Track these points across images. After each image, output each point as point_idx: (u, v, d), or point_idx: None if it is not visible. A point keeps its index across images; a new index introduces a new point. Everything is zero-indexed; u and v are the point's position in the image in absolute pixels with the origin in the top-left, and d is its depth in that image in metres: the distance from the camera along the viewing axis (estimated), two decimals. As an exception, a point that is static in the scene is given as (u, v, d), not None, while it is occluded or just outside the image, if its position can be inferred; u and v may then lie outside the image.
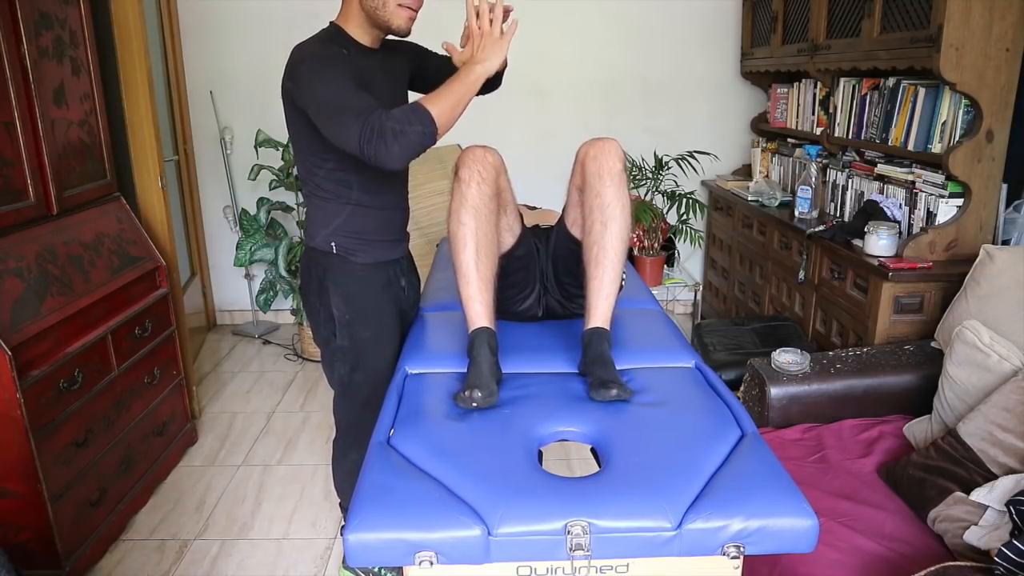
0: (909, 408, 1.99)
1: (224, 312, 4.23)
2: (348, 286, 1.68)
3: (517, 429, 1.26)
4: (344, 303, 1.68)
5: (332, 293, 1.68)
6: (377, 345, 1.72)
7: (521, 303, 1.75)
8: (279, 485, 2.57)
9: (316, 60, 1.49)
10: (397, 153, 1.38)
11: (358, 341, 1.71)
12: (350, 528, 1.03)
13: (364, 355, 1.72)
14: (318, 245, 1.69)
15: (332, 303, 1.68)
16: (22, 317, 1.84)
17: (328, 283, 1.68)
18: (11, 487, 1.86)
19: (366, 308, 1.70)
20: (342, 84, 1.44)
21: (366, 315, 1.70)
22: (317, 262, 1.70)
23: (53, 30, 2.14)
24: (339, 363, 1.75)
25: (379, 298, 1.72)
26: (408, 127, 1.37)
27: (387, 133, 1.36)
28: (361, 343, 1.71)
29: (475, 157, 1.49)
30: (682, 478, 1.10)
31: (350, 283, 1.68)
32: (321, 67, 1.47)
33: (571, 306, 1.74)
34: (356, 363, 1.73)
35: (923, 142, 2.35)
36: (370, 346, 1.72)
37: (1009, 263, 1.88)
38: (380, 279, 1.72)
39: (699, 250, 4.09)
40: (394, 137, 1.36)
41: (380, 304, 1.72)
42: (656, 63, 3.88)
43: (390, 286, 1.74)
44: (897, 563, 1.43)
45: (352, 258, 1.68)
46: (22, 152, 1.99)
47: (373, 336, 1.71)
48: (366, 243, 1.69)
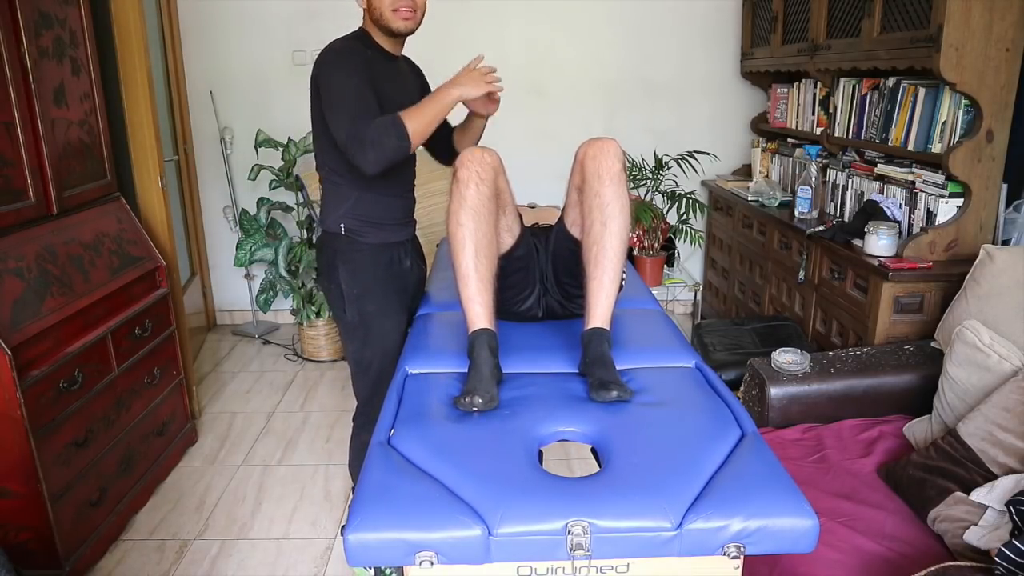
0: (909, 408, 1.99)
1: (224, 312, 4.23)
2: (354, 263, 1.82)
3: (517, 429, 1.25)
4: (351, 278, 1.82)
5: (341, 271, 1.82)
6: (383, 319, 1.84)
7: (521, 303, 1.75)
8: (279, 485, 2.57)
9: (338, 54, 1.66)
10: (372, 160, 1.56)
11: (365, 315, 1.83)
12: (350, 528, 1.03)
13: (372, 330, 1.84)
14: (329, 227, 1.83)
15: (341, 279, 1.82)
16: (22, 317, 1.84)
17: (337, 262, 1.82)
18: (11, 487, 1.86)
19: (370, 283, 1.82)
20: (352, 81, 1.60)
21: (372, 290, 1.82)
22: (329, 244, 1.84)
23: (53, 30, 2.14)
24: (351, 340, 1.88)
25: (383, 274, 1.84)
26: (386, 139, 1.55)
27: (367, 142, 1.54)
28: (368, 317, 1.83)
29: (473, 158, 1.49)
30: (682, 478, 1.10)
31: (356, 260, 1.82)
32: (340, 61, 1.64)
33: (571, 306, 1.74)
34: (365, 338, 1.85)
35: (923, 142, 2.35)
36: (376, 320, 1.84)
37: (1009, 263, 1.88)
38: (384, 258, 1.84)
39: (699, 250, 4.09)
40: (372, 146, 1.54)
41: (384, 280, 1.84)
42: (656, 63, 3.88)
43: (392, 264, 1.86)
44: (897, 563, 1.43)
45: (359, 239, 1.81)
46: (22, 152, 1.99)
47: (378, 309, 1.83)
48: (373, 226, 1.81)
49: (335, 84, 1.62)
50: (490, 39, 3.71)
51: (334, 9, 3.72)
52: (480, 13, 3.73)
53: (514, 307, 1.74)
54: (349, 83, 1.60)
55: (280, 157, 3.50)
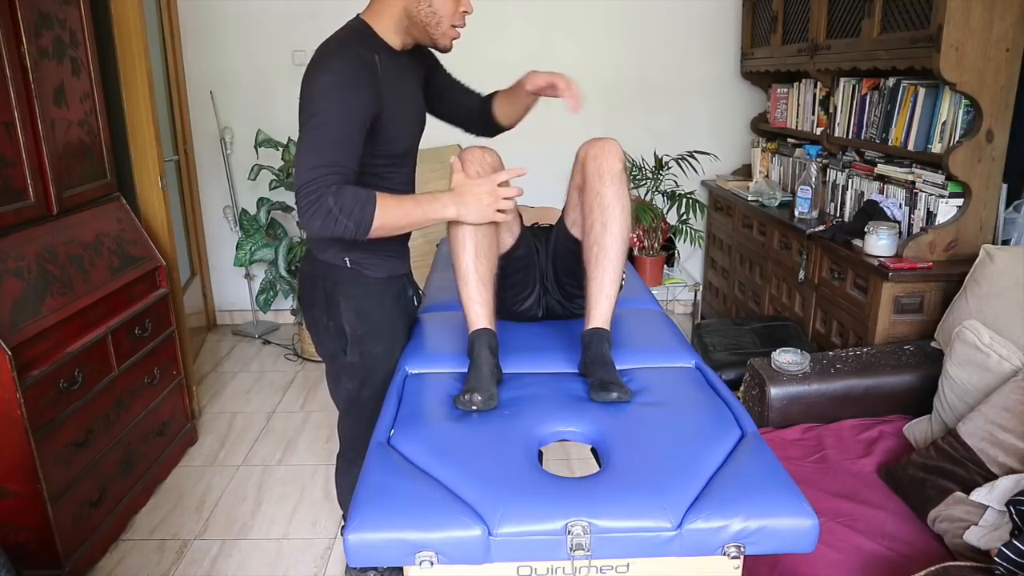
0: (909, 408, 1.99)
1: (224, 312, 4.23)
2: (361, 300, 1.62)
3: (517, 429, 1.25)
4: (357, 318, 1.62)
5: (344, 308, 1.61)
6: (388, 360, 1.64)
7: (521, 303, 1.75)
8: (279, 485, 2.57)
9: (339, 80, 1.39)
10: (316, 228, 1.35)
11: (368, 357, 1.65)
12: (350, 528, 1.03)
13: (374, 371, 1.66)
14: (329, 259, 1.61)
15: (344, 319, 1.62)
16: (22, 317, 1.84)
17: (339, 297, 1.61)
18: (11, 487, 1.86)
19: (380, 322, 1.64)
20: (339, 124, 1.37)
21: (380, 330, 1.64)
22: (325, 275, 1.63)
23: (53, 30, 2.14)
24: (347, 379, 1.70)
25: (392, 312, 1.66)
26: (343, 218, 1.34)
27: (322, 207, 1.32)
28: (372, 359, 1.65)
29: (473, 158, 1.49)
30: (682, 478, 1.10)
31: (363, 297, 1.62)
32: (339, 92, 1.38)
33: (571, 306, 1.74)
34: (365, 379, 1.67)
35: (923, 142, 2.35)
36: (380, 362, 1.65)
37: (1009, 263, 1.88)
38: (392, 292, 1.67)
39: (699, 250, 4.09)
40: (324, 214, 1.33)
41: (393, 318, 1.67)
42: (656, 63, 3.88)
43: (400, 298, 1.69)
44: (897, 563, 1.43)
45: (366, 272, 1.61)
46: (22, 152, 1.98)
47: (384, 351, 1.65)
48: (380, 257, 1.63)
49: (324, 113, 1.36)
50: (490, 39, 3.70)
51: (334, 9, 3.70)
52: (480, 13, 3.68)
53: (515, 307, 1.74)
54: (341, 120, 1.37)
55: (280, 157, 3.50)
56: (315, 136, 1.36)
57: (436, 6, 1.46)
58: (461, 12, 1.50)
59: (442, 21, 1.48)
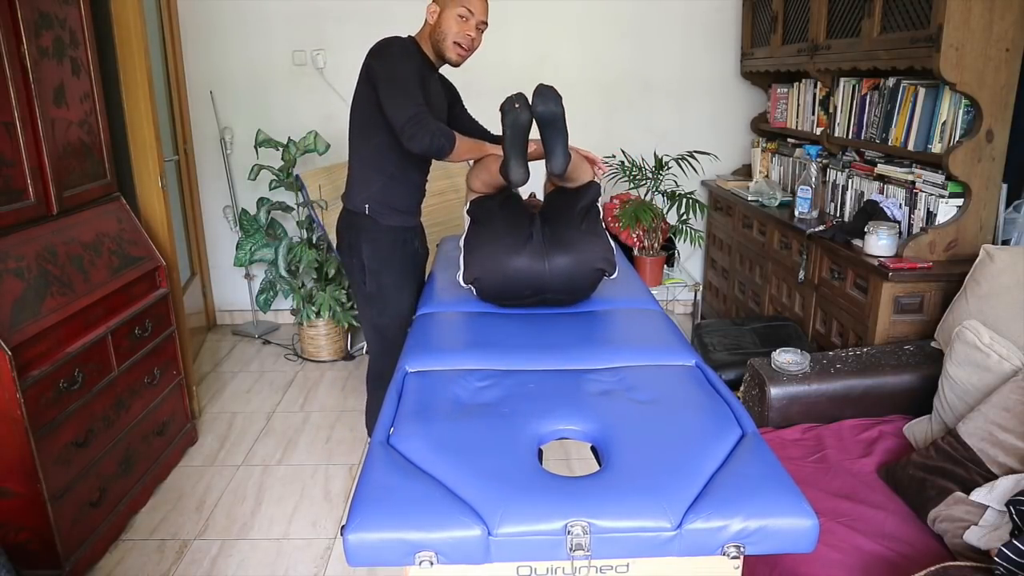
0: (909, 408, 1.99)
1: (224, 312, 4.23)
2: (375, 240, 2.12)
3: (517, 428, 1.26)
4: (372, 255, 2.12)
5: (364, 247, 2.12)
6: (399, 292, 2.15)
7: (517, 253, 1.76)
8: (279, 485, 2.57)
9: (403, 49, 1.97)
10: (423, 146, 1.87)
11: (384, 287, 2.13)
12: (350, 528, 1.03)
13: (389, 300, 2.14)
14: (354, 207, 2.12)
15: (363, 254, 2.11)
16: (22, 317, 1.84)
17: (360, 239, 2.12)
18: (11, 487, 1.86)
19: (388, 257, 2.13)
20: (413, 76, 1.91)
21: (390, 263, 2.13)
22: (351, 224, 2.14)
23: (53, 30, 2.14)
24: (369, 307, 2.18)
25: (399, 253, 2.15)
26: (441, 138, 1.88)
27: (427, 129, 1.86)
28: (386, 289, 2.14)
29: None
30: (682, 478, 1.10)
31: (377, 240, 2.12)
32: (405, 55, 1.95)
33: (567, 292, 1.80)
34: (383, 307, 2.16)
35: (923, 142, 2.35)
36: (393, 292, 2.14)
37: (1009, 263, 1.88)
38: (399, 238, 2.15)
39: (699, 250, 4.09)
40: (429, 135, 1.86)
41: (400, 258, 2.15)
42: (656, 63, 3.88)
43: (406, 245, 2.18)
44: (897, 563, 1.43)
45: (381, 220, 2.11)
46: (22, 152, 1.98)
47: (394, 283, 2.14)
48: (392, 211, 2.12)
49: (400, 71, 1.90)
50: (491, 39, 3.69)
51: (333, 10, 3.72)
52: (480, 13, 3.73)
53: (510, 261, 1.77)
54: (412, 75, 1.90)
55: (280, 157, 3.50)
56: (404, 87, 1.89)
57: (443, 26, 1.99)
58: (465, 33, 1.99)
59: (447, 37, 2.00)
